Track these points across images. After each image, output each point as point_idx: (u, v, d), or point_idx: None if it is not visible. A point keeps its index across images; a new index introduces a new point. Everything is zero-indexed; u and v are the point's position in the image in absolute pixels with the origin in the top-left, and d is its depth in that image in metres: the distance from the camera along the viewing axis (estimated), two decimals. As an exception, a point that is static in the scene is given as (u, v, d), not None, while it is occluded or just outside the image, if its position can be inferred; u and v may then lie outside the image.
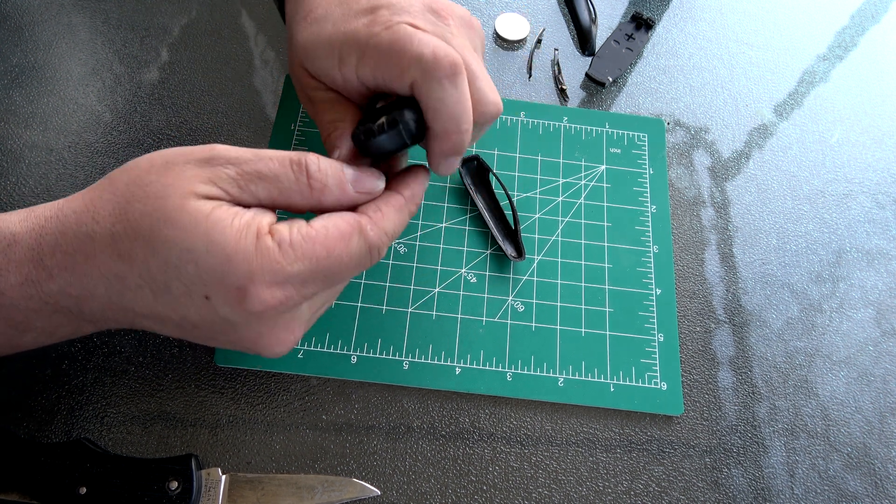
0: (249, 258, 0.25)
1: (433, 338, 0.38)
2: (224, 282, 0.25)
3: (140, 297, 0.27)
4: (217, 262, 0.25)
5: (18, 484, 0.31)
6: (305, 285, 0.27)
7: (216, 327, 0.27)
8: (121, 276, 0.26)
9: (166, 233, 0.25)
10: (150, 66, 0.46)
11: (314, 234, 0.26)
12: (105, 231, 0.26)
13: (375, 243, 0.28)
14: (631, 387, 0.37)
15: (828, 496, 0.36)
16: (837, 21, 0.53)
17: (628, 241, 0.42)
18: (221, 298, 0.26)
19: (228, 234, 0.25)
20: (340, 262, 0.27)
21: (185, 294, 0.26)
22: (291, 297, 0.26)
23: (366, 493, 0.34)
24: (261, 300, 0.25)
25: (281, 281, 0.26)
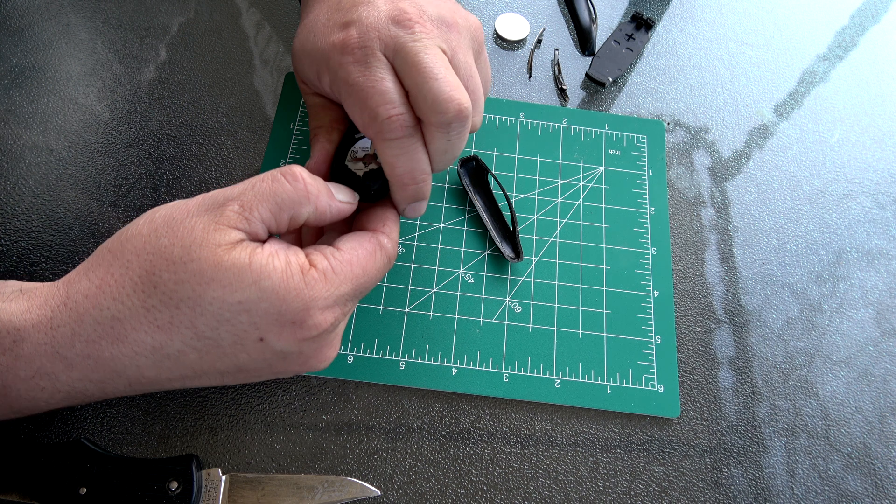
0: (302, 293, 0.26)
1: (430, 338, 0.38)
2: (280, 320, 0.26)
3: (181, 361, 0.27)
4: (271, 305, 0.26)
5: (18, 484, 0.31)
6: (348, 303, 0.29)
7: (266, 363, 0.28)
8: (160, 347, 0.26)
9: (212, 294, 0.25)
10: (149, 66, 0.46)
11: (349, 258, 0.28)
12: (134, 308, 0.25)
13: (392, 254, 0.31)
14: (628, 389, 0.37)
15: (828, 496, 0.36)
16: (837, 21, 0.53)
17: (626, 242, 0.42)
18: (276, 335, 0.26)
19: (276, 278, 0.26)
20: (372, 276, 0.29)
21: (237, 343, 0.26)
22: (338, 317, 0.28)
23: (366, 493, 0.34)
24: (316, 325, 0.27)
25: (330, 305, 0.27)
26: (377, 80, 0.29)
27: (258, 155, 0.43)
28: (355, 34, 0.30)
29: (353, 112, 0.31)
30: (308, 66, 0.33)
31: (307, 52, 0.33)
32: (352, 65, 0.30)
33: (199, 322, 0.26)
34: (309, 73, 0.33)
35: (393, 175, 0.31)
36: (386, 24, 0.30)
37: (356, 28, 0.30)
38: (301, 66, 0.34)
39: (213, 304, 0.25)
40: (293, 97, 0.45)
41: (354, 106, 0.30)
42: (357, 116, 0.30)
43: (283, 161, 0.42)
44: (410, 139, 0.30)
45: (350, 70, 0.30)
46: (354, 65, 0.30)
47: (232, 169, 0.43)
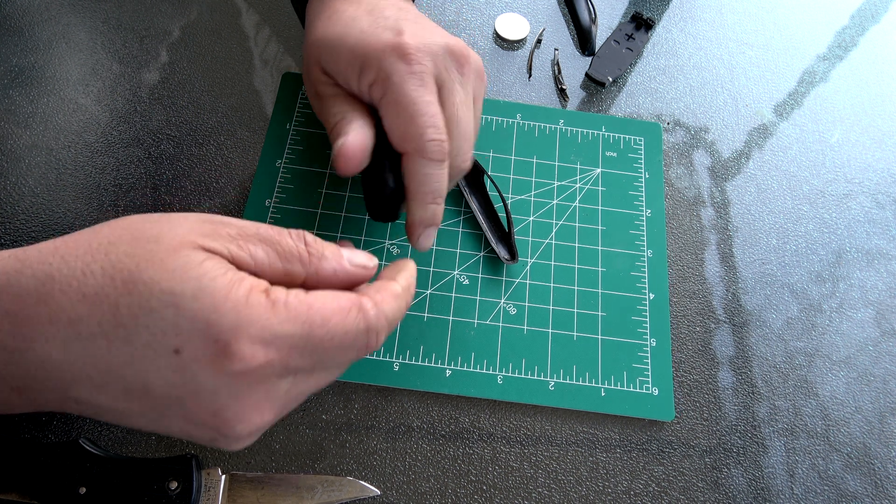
0: (238, 308, 0.23)
1: (424, 339, 0.38)
2: (206, 332, 0.23)
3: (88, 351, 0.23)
4: (202, 307, 0.22)
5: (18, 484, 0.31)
6: (292, 353, 0.24)
7: (174, 392, 0.23)
8: (75, 320, 0.23)
9: (150, 273, 0.23)
10: (149, 66, 0.46)
11: (311, 300, 0.24)
12: (72, 270, 0.23)
13: (374, 325, 0.26)
14: (622, 391, 0.37)
15: (828, 496, 0.36)
16: (837, 21, 0.53)
17: (623, 245, 0.42)
18: (195, 351, 0.23)
19: (219, 283, 0.23)
20: (335, 335, 0.25)
21: (149, 346, 0.23)
22: (273, 363, 0.23)
23: (366, 493, 0.34)
24: (242, 356, 0.23)
25: (268, 339, 0.23)
26: (431, 102, 0.31)
27: (258, 154, 0.43)
28: (413, 46, 0.31)
29: (394, 120, 0.31)
30: (348, 61, 0.32)
31: (348, 45, 0.32)
32: (409, 75, 0.31)
33: (122, 302, 0.23)
34: (346, 68, 0.33)
35: (418, 192, 0.31)
36: (444, 54, 0.32)
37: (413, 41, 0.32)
38: (335, 58, 0.33)
39: (145, 286, 0.23)
40: (290, 97, 0.45)
41: (400, 116, 0.31)
42: (399, 127, 0.31)
43: (279, 161, 0.42)
44: (444, 164, 0.32)
45: (407, 80, 0.31)
46: (412, 76, 0.31)
47: (232, 169, 0.43)
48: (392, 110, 0.31)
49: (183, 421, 0.24)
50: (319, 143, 0.43)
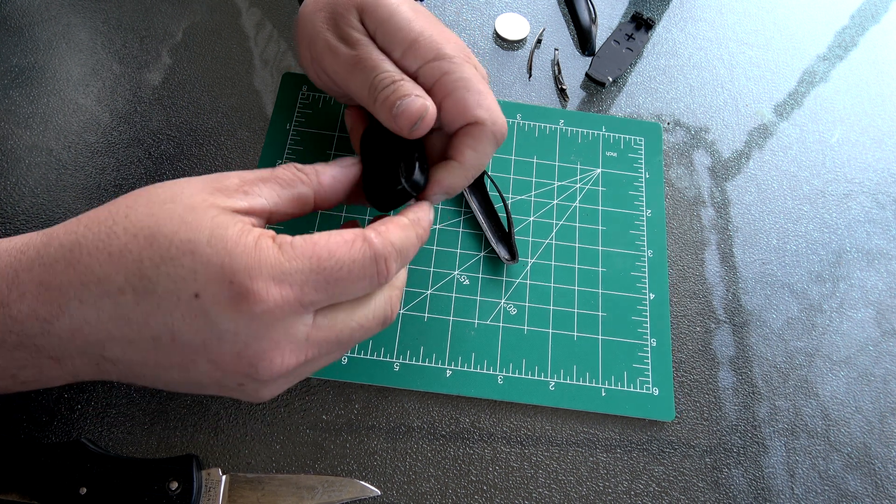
0: (249, 252, 0.24)
1: (424, 340, 0.38)
2: (221, 274, 0.24)
3: (118, 306, 0.25)
4: (216, 252, 0.24)
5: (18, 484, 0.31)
6: (305, 288, 0.25)
7: (198, 338, 0.25)
8: (103, 278, 0.24)
9: (170, 227, 0.25)
10: (149, 66, 0.46)
11: (316, 238, 0.26)
12: (98, 234, 0.25)
13: (380, 251, 0.27)
14: (622, 392, 0.37)
15: (828, 496, 0.36)
16: (837, 21, 0.53)
17: (623, 245, 0.42)
18: (213, 294, 0.24)
19: (231, 231, 0.25)
20: (343, 264, 0.26)
21: (172, 293, 0.24)
22: (288, 299, 0.25)
23: (366, 493, 0.34)
24: (256, 295, 0.24)
25: (279, 277, 0.24)
26: (482, 91, 0.33)
27: (258, 155, 0.43)
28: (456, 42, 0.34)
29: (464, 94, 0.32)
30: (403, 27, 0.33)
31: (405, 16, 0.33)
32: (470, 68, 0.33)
33: (145, 255, 0.24)
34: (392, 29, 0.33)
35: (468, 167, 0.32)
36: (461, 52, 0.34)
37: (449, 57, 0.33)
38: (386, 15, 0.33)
39: (165, 238, 0.24)
40: (290, 98, 0.45)
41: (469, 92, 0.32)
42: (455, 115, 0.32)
43: (280, 162, 0.43)
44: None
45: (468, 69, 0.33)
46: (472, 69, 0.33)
47: (231, 168, 0.43)
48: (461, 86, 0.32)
49: (211, 367, 0.26)
50: (319, 144, 0.43)
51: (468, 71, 0.33)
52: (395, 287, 0.29)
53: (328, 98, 0.45)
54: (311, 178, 0.29)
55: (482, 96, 0.32)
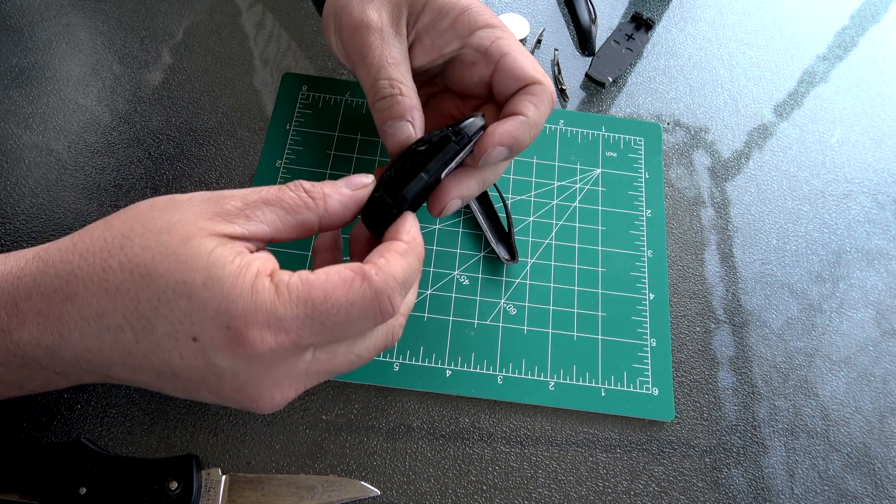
0: (245, 296, 0.24)
1: (424, 340, 0.38)
2: (217, 320, 0.24)
3: (119, 341, 0.25)
4: (212, 297, 0.24)
5: (18, 484, 0.31)
6: (302, 332, 0.24)
7: (198, 375, 0.25)
8: (102, 314, 0.24)
9: (165, 266, 0.24)
10: (149, 66, 0.46)
11: (313, 279, 0.25)
12: (92, 267, 0.25)
13: (382, 288, 0.25)
14: (622, 392, 0.37)
15: (828, 496, 0.36)
16: (837, 21, 0.53)
17: (623, 245, 0.42)
18: (210, 338, 0.24)
19: (228, 270, 0.24)
20: (340, 308, 0.25)
21: (170, 336, 0.24)
22: (283, 345, 0.24)
23: (366, 493, 0.34)
24: (251, 342, 0.24)
25: (275, 324, 0.24)
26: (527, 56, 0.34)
27: (258, 155, 0.43)
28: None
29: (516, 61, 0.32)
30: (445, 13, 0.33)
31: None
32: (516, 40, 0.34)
33: (142, 295, 0.24)
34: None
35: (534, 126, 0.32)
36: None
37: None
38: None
39: (161, 278, 0.24)
40: (290, 98, 0.45)
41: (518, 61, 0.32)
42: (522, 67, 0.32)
43: (280, 162, 0.42)
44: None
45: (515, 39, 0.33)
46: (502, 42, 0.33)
47: (231, 169, 0.43)
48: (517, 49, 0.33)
49: (213, 395, 0.26)
50: (319, 144, 0.43)
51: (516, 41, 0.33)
52: (399, 314, 0.29)
53: (328, 98, 0.45)
54: (318, 205, 0.28)
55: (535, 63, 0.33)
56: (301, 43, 0.48)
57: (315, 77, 0.46)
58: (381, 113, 0.31)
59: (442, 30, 0.33)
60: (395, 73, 0.31)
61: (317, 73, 0.47)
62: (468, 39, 0.33)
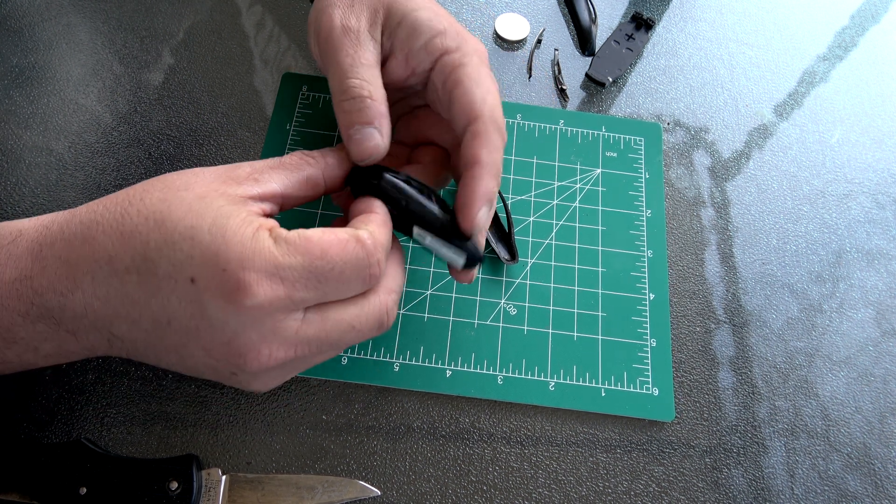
0: (245, 243, 0.25)
1: (424, 340, 0.38)
2: (215, 262, 0.25)
3: (124, 286, 0.26)
4: (213, 240, 0.25)
5: (18, 484, 0.31)
6: (297, 285, 0.26)
7: (192, 324, 0.26)
8: (113, 257, 0.26)
9: (178, 213, 0.26)
10: (150, 66, 0.46)
11: (311, 235, 0.26)
12: (112, 214, 0.26)
13: (372, 251, 0.27)
14: (622, 392, 0.37)
15: (828, 496, 0.36)
16: (837, 21, 0.53)
17: (623, 245, 0.42)
18: (206, 280, 0.25)
19: (232, 221, 0.26)
20: (335, 264, 0.26)
21: (170, 277, 0.25)
22: (279, 294, 0.25)
23: (366, 494, 0.34)
24: (246, 287, 0.25)
25: (272, 272, 0.25)
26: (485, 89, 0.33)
27: (258, 155, 0.43)
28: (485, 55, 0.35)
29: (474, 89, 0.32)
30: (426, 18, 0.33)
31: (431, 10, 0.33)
32: (485, 67, 0.34)
33: (152, 237, 0.26)
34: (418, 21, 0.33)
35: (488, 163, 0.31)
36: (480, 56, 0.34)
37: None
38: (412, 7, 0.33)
39: (171, 223, 0.26)
40: (290, 98, 0.45)
41: (479, 87, 0.32)
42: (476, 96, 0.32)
43: (283, 161, 0.43)
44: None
45: (483, 68, 0.33)
46: (486, 68, 0.34)
47: (232, 169, 0.43)
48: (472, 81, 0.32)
49: (203, 354, 0.27)
50: (320, 144, 0.43)
51: (479, 68, 0.33)
52: (391, 291, 0.29)
53: (328, 98, 0.45)
54: (317, 160, 0.30)
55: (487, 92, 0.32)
56: (301, 43, 0.48)
57: (315, 77, 0.46)
58: (349, 115, 0.30)
59: (416, 49, 0.33)
60: (366, 74, 0.31)
61: (317, 73, 0.47)
62: (436, 63, 0.33)
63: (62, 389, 0.36)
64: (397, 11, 0.33)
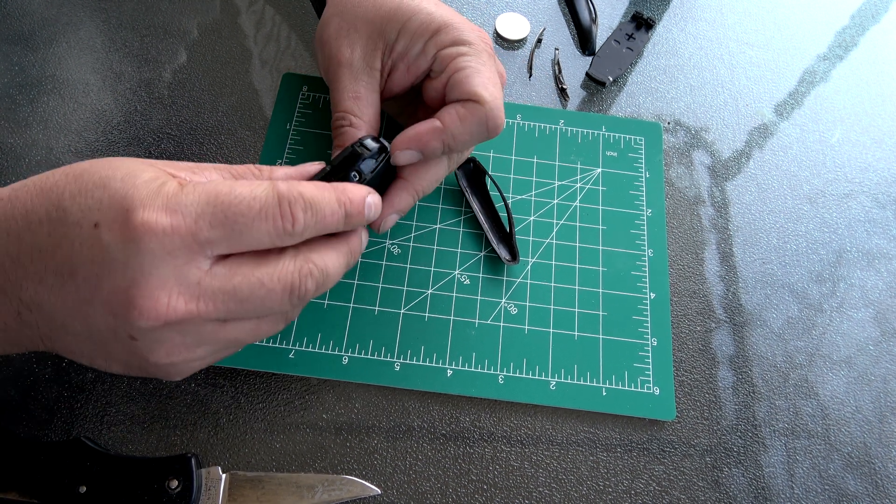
0: (151, 188, 0.25)
1: (425, 339, 0.38)
2: (120, 204, 0.25)
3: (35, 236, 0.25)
4: (122, 186, 0.25)
5: (18, 483, 0.31)
6: (200, 221, 0.25)
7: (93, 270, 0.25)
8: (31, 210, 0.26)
9: (97, 168, 0.26)
10: (150, 65, 0.46)
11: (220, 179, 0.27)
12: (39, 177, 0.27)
13: (285, 194, 0.26)
14: (623, 391, 0.37)
15: (828, 496, 0.36)
16: (837, 21, 0.53)
17: (623, 244, 0.42)
18: (109, 223, 0.24)
19: (147, 174, 0.26)
20: (242, 199, 0.25)
21: (77, 224, 0.25)
22: (179, 229, 0.24)
23: (366, 492, 0.34)
24: (144, 221, 0.24)
25: (172, 207, 0.25)
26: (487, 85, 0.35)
27: (257, 154, 0.43)
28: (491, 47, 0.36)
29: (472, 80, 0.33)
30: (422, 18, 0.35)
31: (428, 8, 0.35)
32: (488, 57, 0.35)
33: (68, 189, 0.26)
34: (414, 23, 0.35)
35: (450, 136, 0.33)
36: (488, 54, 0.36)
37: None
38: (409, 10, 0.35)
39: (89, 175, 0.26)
40: (290, 97, 0.45)
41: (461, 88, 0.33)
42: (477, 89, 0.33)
43: (280, 161, 0.43)
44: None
45: (486, 57, 0.35)
46: (490, 58, 0.35)
47: (232, 168, 0.43)
48: (472, 66, 0.33)
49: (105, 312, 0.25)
50: (320, 144, 0.43)
51: (485, 58, 0.34)
52: (311, 261, 0.27)
53: (328, 99, 0.45)
54: (262, 174, 0.29)
55: (489, 81, 0.33)
56: (302, 43, 0.48)
57: (316, 77, 0.46)
58: (334, 140, 0.35)
59: (415, 55, 0.35)
60: (351, 107, 0.35)
61: (317, 73, 0.47)
62: (436, 56, 0.35)
63: (62, 388, 0.36)
64: (393, 28, 0.35)
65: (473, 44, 0.34)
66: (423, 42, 0.35)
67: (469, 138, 0.33)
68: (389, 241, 0.41)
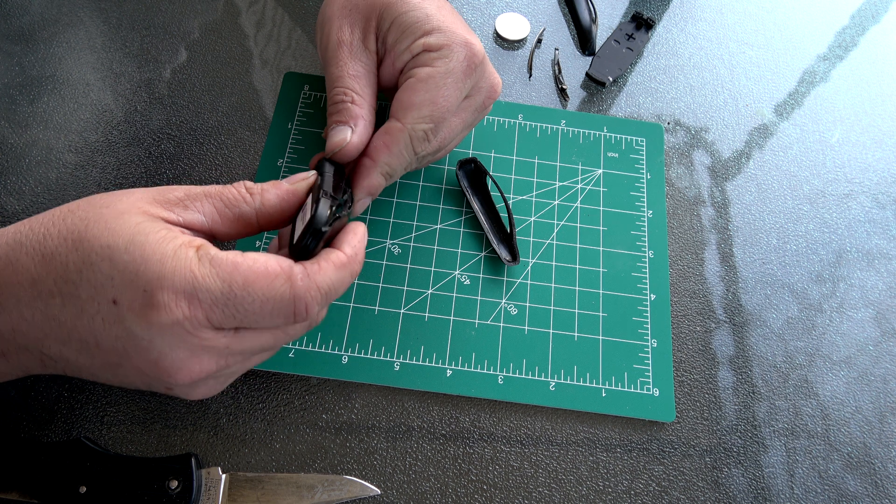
0: (164, 260, 0.24)
1: (425, 339, 0.38)
2: (134, 282, 0.24)
3: (49, 309, 0.25)
4: (132, 259, 0.24)
5: (18, 483, 0.31)
6: (214, 309, 0.25)
7: (119, 345, 0.25)
8: (37, 280, 0.25)
9: (94, 231, 0.25)
10: (150, 65, 0.46)
11: (240, 261, 0.25)
12: (36, 235, 0.26)
13: (302, 295, 0.26)
14: (623, 392, 0.37)
15: (828, 496, 0.36)
16: (837, 21, 0.53)
17: (624, 245, 0.42)
18: (128, 302, 0.24)
19: (151, 238, 0.25)
20: (256, 298, 0.25)
21: (93, 299, 0.25)
22: (197, 316, 0.25)
23: (366, 493, 0.34)
24: (164, 307, 0.24)
25: (190, 291, 0.24)
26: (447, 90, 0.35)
27: (258, 154, 0.43)
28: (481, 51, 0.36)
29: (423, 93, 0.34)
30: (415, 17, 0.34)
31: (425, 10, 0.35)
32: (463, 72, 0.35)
33: (71, 259, 0.25)
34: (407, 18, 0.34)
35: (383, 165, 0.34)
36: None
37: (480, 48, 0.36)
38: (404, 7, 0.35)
39: (88, 243, 0.25)
40: (291, 97, 0.45)
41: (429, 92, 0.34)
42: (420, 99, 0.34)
43: (281, 161, 0.43)
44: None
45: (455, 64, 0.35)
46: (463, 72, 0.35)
47: (232, 168, 0.43)
48: (430, 84, 0.34)
49: (136, 372, 0.26)
50: (321, 144, 0.43)
51: (456, 75, 0.34)
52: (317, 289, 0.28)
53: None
54: (254, 199, 0.29)
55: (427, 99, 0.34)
56: (302, 42, 0.48)
57: (317, 77, 0.46)
58: (330, 117, 0.34)
59: (400, 52, 0.35)
60: (351, 84, 0.34)
61: (319, 72, 0.47)
62: (417, 58, 0.35)
63: (62, 388, 0.36)
64: (388, 17, 0.35)
65: (449, 59, 0.34)
66: (411, 40, 0.34)
67: (406, 159, 0.34)
68: (390, 240, 0.41)
